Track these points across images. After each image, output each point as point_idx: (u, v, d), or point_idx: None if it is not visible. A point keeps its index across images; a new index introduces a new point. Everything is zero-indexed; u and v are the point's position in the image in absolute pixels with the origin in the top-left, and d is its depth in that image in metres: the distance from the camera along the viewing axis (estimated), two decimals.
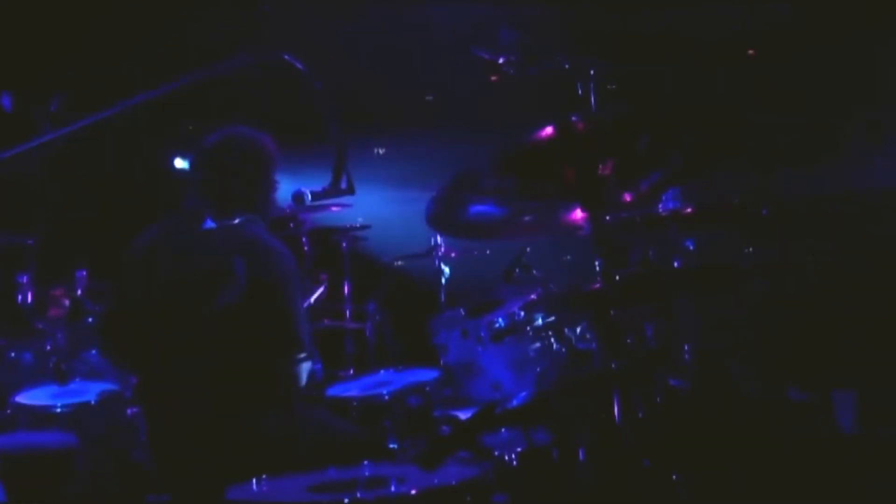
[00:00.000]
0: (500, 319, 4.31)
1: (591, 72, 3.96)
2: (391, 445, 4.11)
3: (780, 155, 5.13)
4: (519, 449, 3.02)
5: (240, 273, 3.16)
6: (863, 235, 4.66)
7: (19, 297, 5.34)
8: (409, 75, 6.28)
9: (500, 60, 4.11)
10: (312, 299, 4.55)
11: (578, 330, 4.17)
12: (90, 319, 5.25)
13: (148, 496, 3.98)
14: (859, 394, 4.25)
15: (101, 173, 6.48)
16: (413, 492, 2.35)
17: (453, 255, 5.68)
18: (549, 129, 2.60)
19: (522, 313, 4.19)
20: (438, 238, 5.59)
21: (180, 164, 6.35)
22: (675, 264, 3.71)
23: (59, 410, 4.41)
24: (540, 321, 4.12)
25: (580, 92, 3.97)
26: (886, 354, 4.26)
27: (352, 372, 5.77)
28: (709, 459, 3.29)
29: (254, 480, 2.56)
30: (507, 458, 2.96)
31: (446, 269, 5.64)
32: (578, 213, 2.99)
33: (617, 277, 2.69)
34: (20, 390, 4.60)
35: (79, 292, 5.35)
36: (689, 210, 3.52)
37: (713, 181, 3.67)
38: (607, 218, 2.82)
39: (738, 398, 3.97)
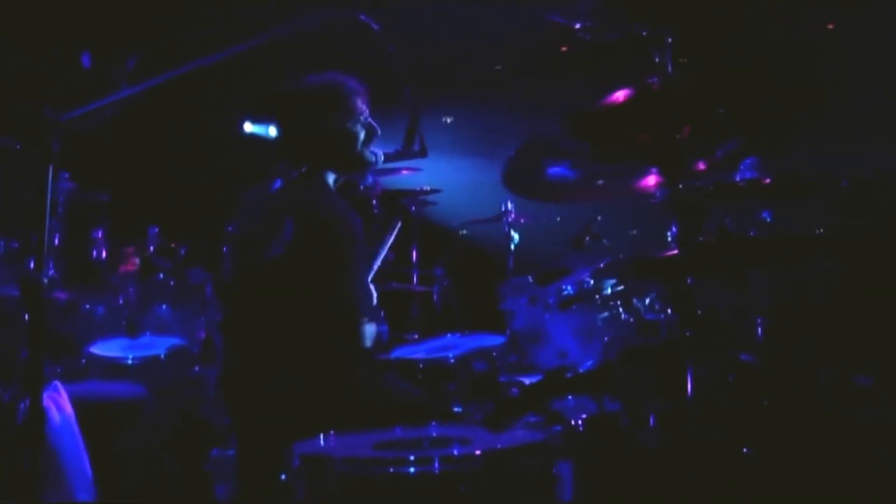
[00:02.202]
0: (569, 287, 4.27)
1: (669, 40, 3.87)
2: (455, 409, 4.11)
3: (860, 129, 4.99)
4: (585, 415, 3.00)
5: (287, 230, 3.10)
6: None
7: (94, 253, 5.45)
8: (479, 45, 6.24)
9: (577, 26, 4.03)
10: (389, 242, 4.41)
11: (647, 300, 4.12)
12: (160, 276, 5.35)
13: (213, 450, 4.03)
14: None
15: (177, 133, 6.56)
16: (478, 452, 2.34)
17: (523, 221, 5.64)
18: (625, 92, 2.56)
19: (591, 281, 4.15)
20: (508, 204, 5.55)
21: (250, 128, 6.36)
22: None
23: (130, 362, 4.50)
24: (608, 290, 4.08)
25: (657, 61, 3.88)
26: None
27: (417, 335, 5.78)
28: (779, 436, 3.23)
29: (321, 436, 2.58)
30: (574, 423, 2.94)
31: (515, 235, 5.58)
32: (651, 180, 2.95)
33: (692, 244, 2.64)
34: (93, 341, 4.71)
35: (150, 249, 5.45)
36: (767, 180, 3.45)
37: (792, 155, 3.59)
38: (681, 186, 2.77)
39: (805, 378, 3.89)
